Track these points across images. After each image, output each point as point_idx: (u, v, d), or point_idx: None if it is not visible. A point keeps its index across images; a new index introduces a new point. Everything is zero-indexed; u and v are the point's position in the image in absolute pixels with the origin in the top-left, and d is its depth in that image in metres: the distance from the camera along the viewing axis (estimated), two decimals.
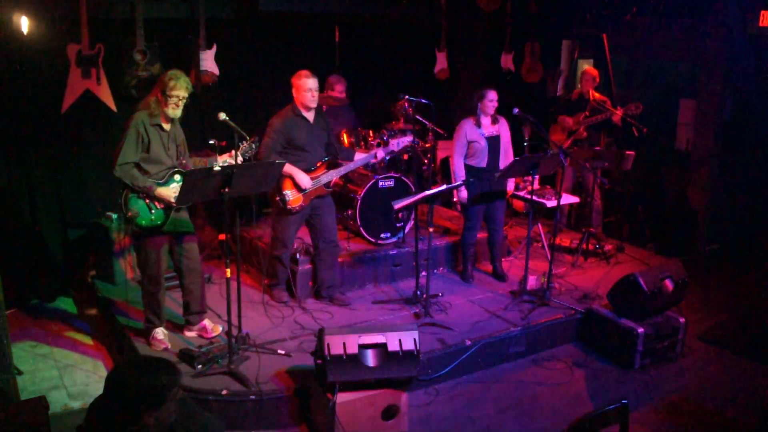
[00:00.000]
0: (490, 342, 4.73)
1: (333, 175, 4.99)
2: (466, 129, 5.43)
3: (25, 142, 5.38)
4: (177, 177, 4.20)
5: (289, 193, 4.85)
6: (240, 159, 4.25)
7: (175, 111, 4.13)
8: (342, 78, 6.31)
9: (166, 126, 4.17)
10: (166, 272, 4.47)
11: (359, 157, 5.13)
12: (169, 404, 2.31)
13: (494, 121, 5.47)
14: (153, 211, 4.14)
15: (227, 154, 4.35)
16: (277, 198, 4.87)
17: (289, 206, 4.87)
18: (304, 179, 4.83)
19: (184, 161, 4.33)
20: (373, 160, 5.28)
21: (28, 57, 5.22)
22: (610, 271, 5.98)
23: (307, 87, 4.74)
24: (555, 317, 5.06)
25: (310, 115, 4.88)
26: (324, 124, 5.01)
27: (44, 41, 5.18)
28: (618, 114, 6.14)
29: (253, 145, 4.38)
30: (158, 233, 4.23)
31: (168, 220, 4.19)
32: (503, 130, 5.53)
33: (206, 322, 4.59)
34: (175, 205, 4.13)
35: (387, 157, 5.73)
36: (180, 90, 4.06)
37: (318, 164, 4.94)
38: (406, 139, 5.31)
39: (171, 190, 4.14)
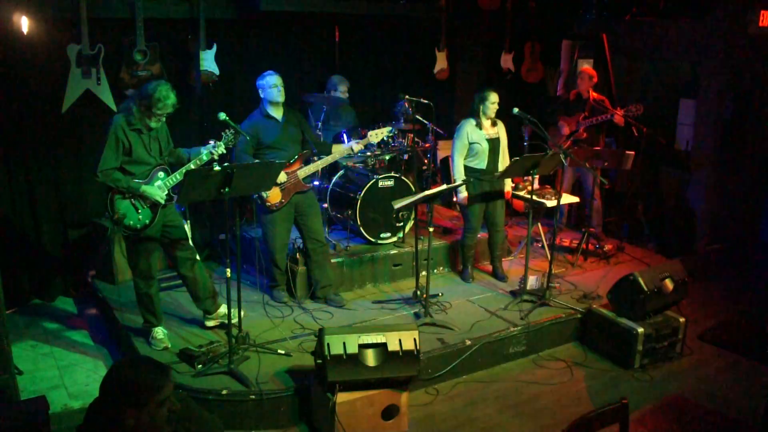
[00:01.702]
0: (490, 342, 4.73)
1: (310, 169, 5.00)
2: (468, 130, 5.42)
3: (25, 142, 5.38)
4: (161, 174, 4.23)
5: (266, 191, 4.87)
6: (222, 150, 4.26)
7: (158, 124, 4.18)
8: (345, 79, 6.31)
9: (144, 129, 4.17)
10: (160, 271, 4.48)
11: (336, 150, 5.12)
12: (152, 408, 2.21)
13: (494, 124, 5.47)
14: (140, 211, 4.15)
15: (211, 141, 4.35)
16: (255, 196, 4.89)
17: (268, 203, 4.88)
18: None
19: (166, 158, 4.33)
20: (351, 152, 5.19)
21: (28, 57, 5.21)
22: (610, 271, 5.98)
23: (272, 83, 4.80)
24: (555, 317, 5.06)
25: (278, 114, 4.91)
26: (296, 121, 5.02)
27: (44, 41, 5.18)
28: (618, 114, 6.14)
29: (233, 136, 4.37)
30: (149, 237, 4.23)
31: (156, 218, 4.19)
32: (502, 132, 5.53)
33: (223, 309, 4.57)
34: (161, 202, 4.15)
35: (366, 150, 5.68)
36: (168, 109, 4.10)
37: (292, 159, 4.94)
38: (384, 129, 5.28)
39: (156, 188, 4.16)
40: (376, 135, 5.21)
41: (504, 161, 5.52)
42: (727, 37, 6.61)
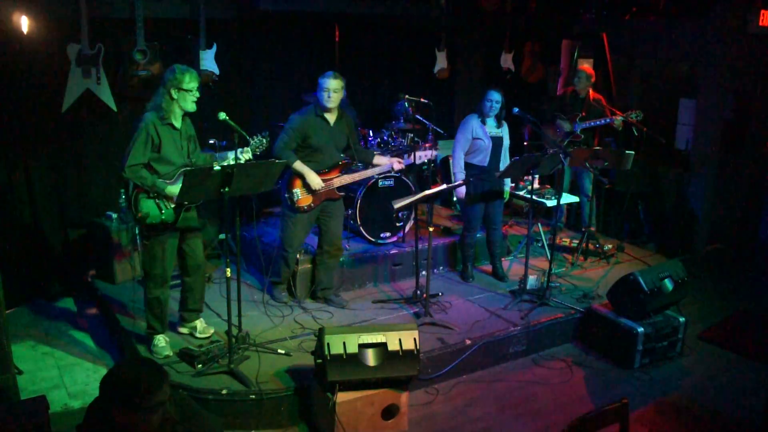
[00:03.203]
0: (490, 341, 4.73)
1: (346, 180, 4.94)
2: (473, 124, 5.39)
3: (25, 142, 5.38)
4: None
5: (298, 192, 4.84)
6: (249, 156, 4.23)
7: (193, 104, 4.11)
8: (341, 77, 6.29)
9: (178, 124, 4.15)
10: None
11: (377, 162, 5.06)
12: (142, 411, 2.17)
13: (499, 125, 5.44)
14: (163, 211, 4.12)
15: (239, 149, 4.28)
16: (286, 195, 4.86)
17: (297, 205, 4.85)
18: (315, 180, 4.79)
19: (193, 159, 4.29)
20: (390, 171, 5.17)
21: (28, 57, 5.21)
22: (610, 271, 5.99)
23: (324, 86, 4.68)
24: (555, 317, 5.06)
25: (331, 117, 4.82)
26: (345, 127, 4.92)
27: (44, 41, 5.18)
28: (617, 118, 6.11)
29: (264, 141, 4.33)
30: (167, 231, 4.21)
31: (178, 219, 4.17)
32: (506, 134, 5.50)
33: (199, 322, 4.58)
34: (186, 203, 4.13)
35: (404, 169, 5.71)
36: (194, 82, 4.06)
37: (332, 166, 4.89)
38: (429, 153, 5.21)
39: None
40: (419, 157, 5.11)
41: (505, 163, 5.51)
42: (727, 37, 6.61)
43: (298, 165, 4.75)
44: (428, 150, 5.27)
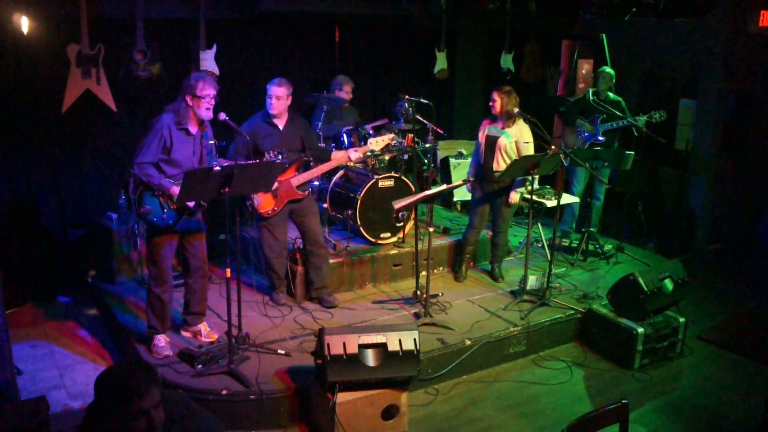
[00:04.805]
0: (490, 342, 4.73)
1: (304, 178, 4.92)
2: (481, 126, 5.50)
3: (25, 142, 5.38)
4: None
5: (258, 198, 4.83)
6: None
7: (209, 112, 4.11)
8: (349, 79, 6.31)
9: (193, 130, 4.16)
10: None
11: (335, 156, 5.02)
12: (125, 414, 2.12)
13: (511, 123, 5.36)
14: (165, 211, 4.13)
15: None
16: (248, 203, 4.86)
17: (260, 211, 4.85)
18: None
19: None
20: (348, 162, 5.15)
21: (28, 57, 5.22)
22: (610, 271, 5.98)
23: (268, 93, 4.73)
24: (555, 317, 5.06)
25: (280, 122, 4.84)
26: (299, 130, 4.92)
27: (44, 41, 5.18)
28: (639, 119, 6.05)
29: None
30: (169, 231, 4.21)
31: (179, 222, 4.18)
32: (516, 132, 5.34)
33: (203, 326, 4.59)
34: (188, 207, 4.12)
35: (363, 158, 5.65)
36: (210, 89, 4.07)
37: (287, 167, 4.88)
38: (387, 137, 5.15)
39: None
40: (377, 142, 5.04)
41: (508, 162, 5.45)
42: (727, 37, 6.61)
43: None
44: (384, 135, 5.17)
